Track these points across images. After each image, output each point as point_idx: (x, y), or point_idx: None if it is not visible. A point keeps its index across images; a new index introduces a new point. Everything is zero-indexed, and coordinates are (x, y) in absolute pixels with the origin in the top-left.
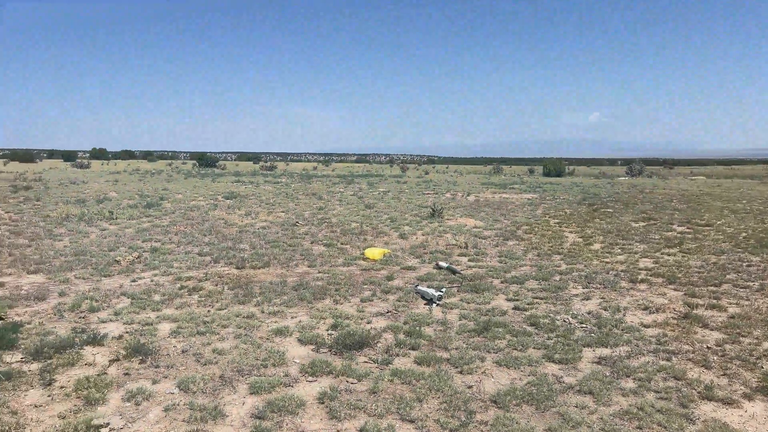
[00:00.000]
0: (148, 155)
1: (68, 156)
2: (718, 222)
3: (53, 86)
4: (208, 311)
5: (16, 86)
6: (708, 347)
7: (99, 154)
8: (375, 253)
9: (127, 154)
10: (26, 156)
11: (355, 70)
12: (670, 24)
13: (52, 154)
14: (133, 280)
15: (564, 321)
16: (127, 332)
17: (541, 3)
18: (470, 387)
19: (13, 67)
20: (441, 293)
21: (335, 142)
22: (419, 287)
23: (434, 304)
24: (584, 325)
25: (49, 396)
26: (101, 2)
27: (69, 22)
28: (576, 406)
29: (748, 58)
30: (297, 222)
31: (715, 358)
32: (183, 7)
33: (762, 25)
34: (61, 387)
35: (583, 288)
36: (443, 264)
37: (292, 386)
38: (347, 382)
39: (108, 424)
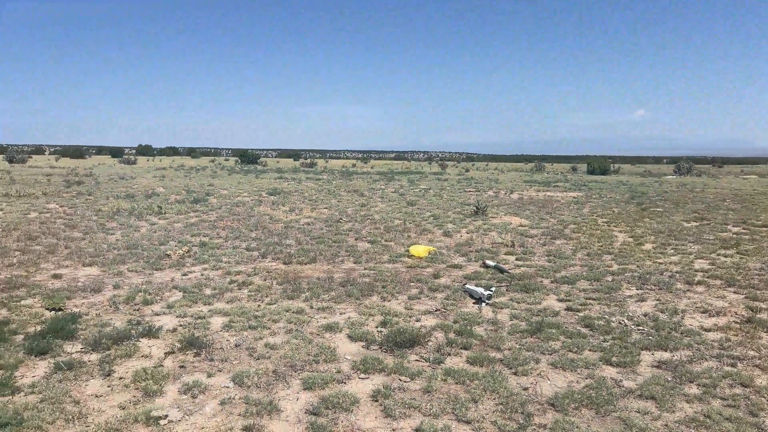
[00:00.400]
0: (191, 152)
1: (115, 152)
2: None
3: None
4: (258, 306)
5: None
6: None
7: (144, 151)
8: (420, 250)
9: (172, 151)
10: (76, 152)
11: (393, 66)
12: (718, 19)
13: (100, 150)
14: (184, 274)
15: (620, 323)
16: (180, 325)
17: None
18: (526, 389)
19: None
20: (490, 292)
21: (372, 140)
22: (467, 286)
23: (484, 303)
24: (641, 328)
25: (108, 386)
26: None
27: (111, 21)
28: (638, 412)
29: None
30: (340, 218)
31: None
32: (228, 5)
33: None
34: (120, 378)
35: (637, 289)
36: (490, 263)
37: (345, 383)
38: (400, 380)
39: (166, 416)
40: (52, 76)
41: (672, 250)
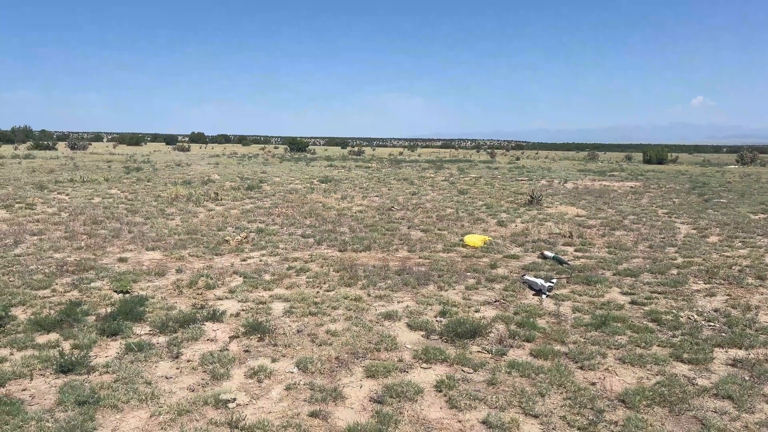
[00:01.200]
0: (242, 139)
1: (169, 140)
2: None
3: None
4: (317, 292)
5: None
6: None
7: (197, 138)
8: (475, 240)
9: (223, 138)
10: (133, 139)
11: (440, 54)
12: None
13: (155, 137)
14: (243, 260)
15: (689, 318)
16: (243, 310)
17: None
18: (593, 384)
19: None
20: (551, 284)
21: (419, 128)
22: (527, 277)
23: (544, 295)
24: (712, 324)
25: (177, 368)
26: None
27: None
28: (714, 411)
29: None
30: (392, 207)
31: None
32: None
33: None
34: (188, 360)
35: (705, 283)
36: (549, 254)
37: (407, 372)
38: (463, 371)
39: (234, 399)
40: (108, 64)
41: (740, 243)
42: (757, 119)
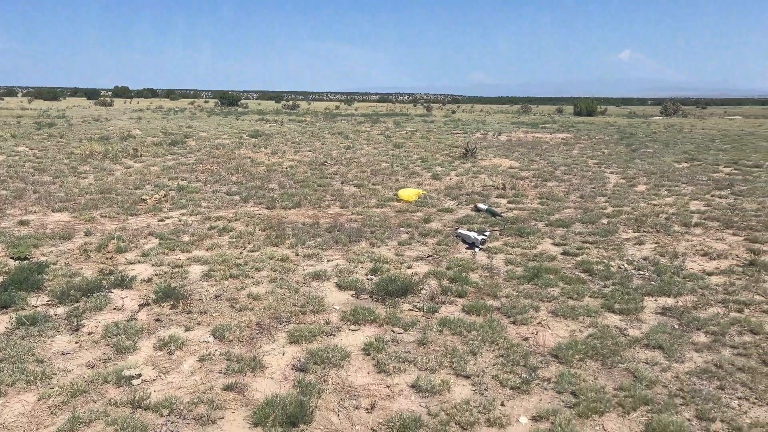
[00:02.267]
0: (170, 93)
1: (91, 94)
2: (767, 164)
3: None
4: (240, 253)
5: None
6: None
7: (121, 92)
8: (409, 194)
9: (150, 93)
10: (50, 94)
11: (376, 4)
12: None
13: (75, 92)
14: (161, 220)
15: (619, 267)
16: (156, 275)
17: None
18: (526, 339)
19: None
20: (484, 237)
21: (356, 82)
22: (460, 230)
23: (477, 249)
24: (642, 273)
25: (77, 343)
26: None
27: None
28: (646, 363)
29: None
30: (325, 161)
31: None
32: None
33: None
34: (90, 333)
35: (634, 232)
36: (482, 206)
37: (334, 335)
38: (393, 331)
39: (140, 375)
40: (25, 14)
41: (666, 192)
42: (681, 72)
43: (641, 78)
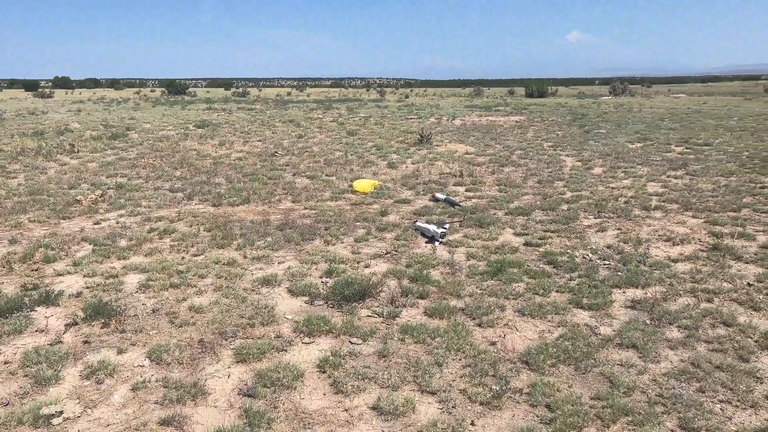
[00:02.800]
0: (114, 83)
1: (30, 86)
2: (716, 141)
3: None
4: (183, 258)
5: None
6: (749, 284)
7: (62, 83)
8: (364, 185)
9: (93, 83)
10: None
11: None
12: None
13: (12, 83)
14: (96, 223)
15: (584, 258)
16: (87, 287)
17: None
18: (494, 344)
19: None
20: (444, 230)
21: (308, 67)
22: (418, 223)
23: (437, 242)
24: (607, 262)
25: None
26: None
27: None
28: (621, 365)
29: None
30: (276, 152)
31: (761, 297)
32: None
33: None
34: (6, 363)
35: (595, 218)
36: (440, 196)
37: (286, 350)
38: (350, 342)
39: (61, 412)
40: None
41: (622, 174)
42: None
43: (589, 58)
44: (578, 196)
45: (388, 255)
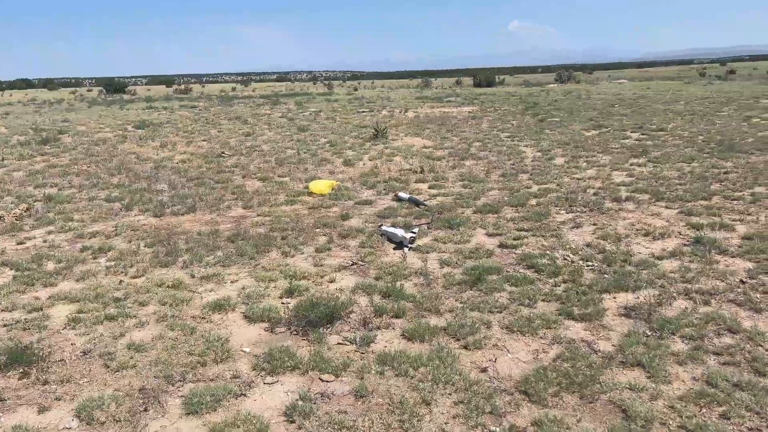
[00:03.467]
0: (48, 83)
1: None
2: (669, 126)
3: None
4: (120, 282)
5: None
6: (742, 281)
7: None
8: (321, 186)
9: (24, 83)
10: None
11: None
12: None
13: None
14: (20, 242)
15: (565, 259)
16: (4, 325)
17: None
18: (485, 370)
19: None
20: (413, 234)
21: (252, 62)
22: (384, 227)
23: (406, 248)
24: (591, 264)
25: None
26: None
27: None
28: (630, 389)
29: None
30: (223, 152)
31: (758, 296)
32: None
33: None
34: None
35: (567, 213)
36: (404, 195)
37: (246, 395)
38: (321, 380)
39: None
40: None
41: (585, 163)
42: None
43: (532, 47)
44: (545, 189)
45: (355, 266)
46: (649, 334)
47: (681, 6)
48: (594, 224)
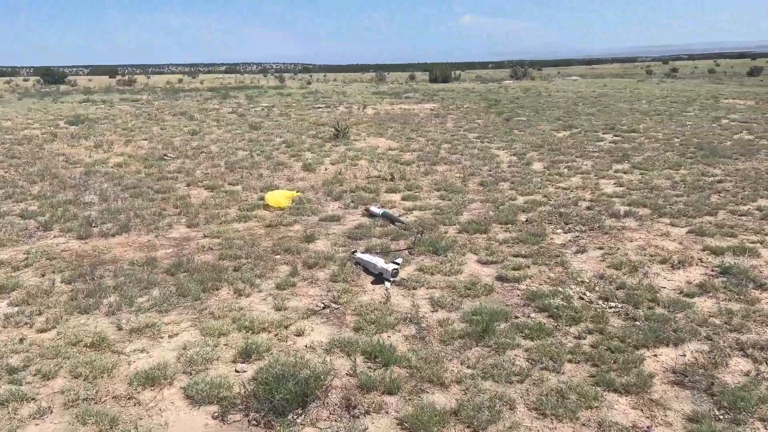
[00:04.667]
0: None
1: None
2: (641, 126)
3: None
4: (22, 339)
5: None
6: None
7: None
8: (279, 197)
9: None
10: None
11: None
12: None
13: None
14: None
15: (581, 298)
16: None
17: None
18: None
19: None
20: (396, 265)
21: (200, 53)
22: (358, 254)
23: (388, 283)
24: (613, 305)
25: None
26: None
27: None
28: None
29: None
30: (165, 154)
31: None
32: None
33: None
34: None
35: (565, 232)
36: (376, 210)
37: None
38: None
39: None
40: None
41: (566, 169)
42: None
43: (483, 43)
44: (532, 201)
45: (327, 310)
46: (721, 417)
47: (624, 5)
48: (600, 248)
